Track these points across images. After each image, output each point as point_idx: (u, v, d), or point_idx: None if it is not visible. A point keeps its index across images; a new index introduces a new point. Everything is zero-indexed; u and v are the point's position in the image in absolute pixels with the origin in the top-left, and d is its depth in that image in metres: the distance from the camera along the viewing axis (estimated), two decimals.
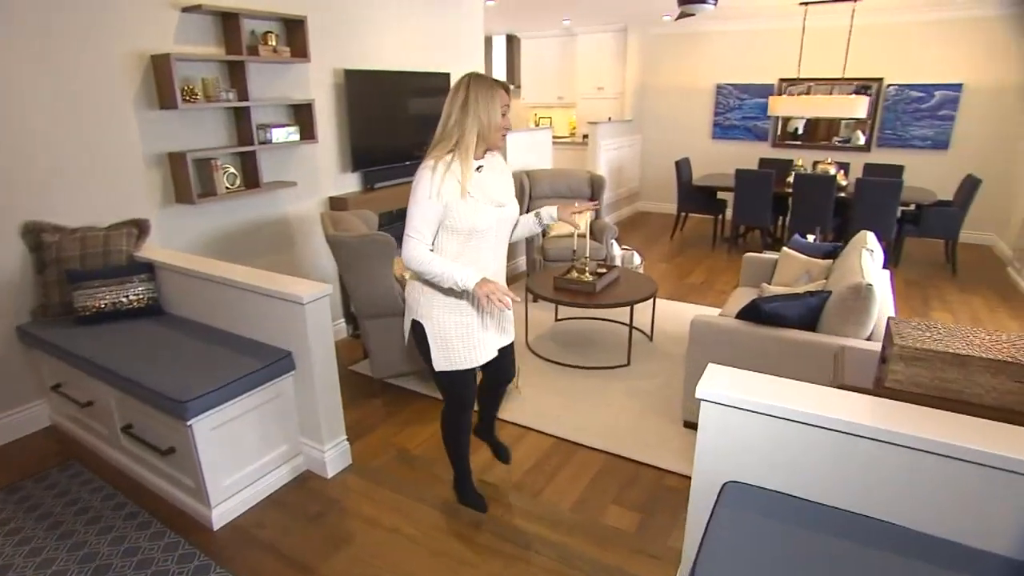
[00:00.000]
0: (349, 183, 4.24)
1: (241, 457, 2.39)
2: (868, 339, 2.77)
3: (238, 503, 2.39)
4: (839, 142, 7.74)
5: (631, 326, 4.03)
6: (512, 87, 9.18)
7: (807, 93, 7.48)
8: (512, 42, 9.00)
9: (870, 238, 3.63)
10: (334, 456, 2.66)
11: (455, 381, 2.19)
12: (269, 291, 2.41)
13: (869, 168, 6.83)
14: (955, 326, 1.52)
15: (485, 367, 2.28)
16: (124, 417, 2.47)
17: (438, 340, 2.09)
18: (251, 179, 3.55)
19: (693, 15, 5.27)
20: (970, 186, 5.93)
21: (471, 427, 2.42)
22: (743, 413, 1.42)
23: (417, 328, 2.13)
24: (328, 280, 4.19)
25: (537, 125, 9.34)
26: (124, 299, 2.82)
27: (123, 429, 2.46)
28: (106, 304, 2.79)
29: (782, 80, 7.73)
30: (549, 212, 2.26)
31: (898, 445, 1.27)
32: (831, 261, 3.58)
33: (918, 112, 7.16)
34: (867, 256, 3.16)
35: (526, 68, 8.92)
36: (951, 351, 1.37)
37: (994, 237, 7.03)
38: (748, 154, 8.04)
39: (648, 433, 3.12)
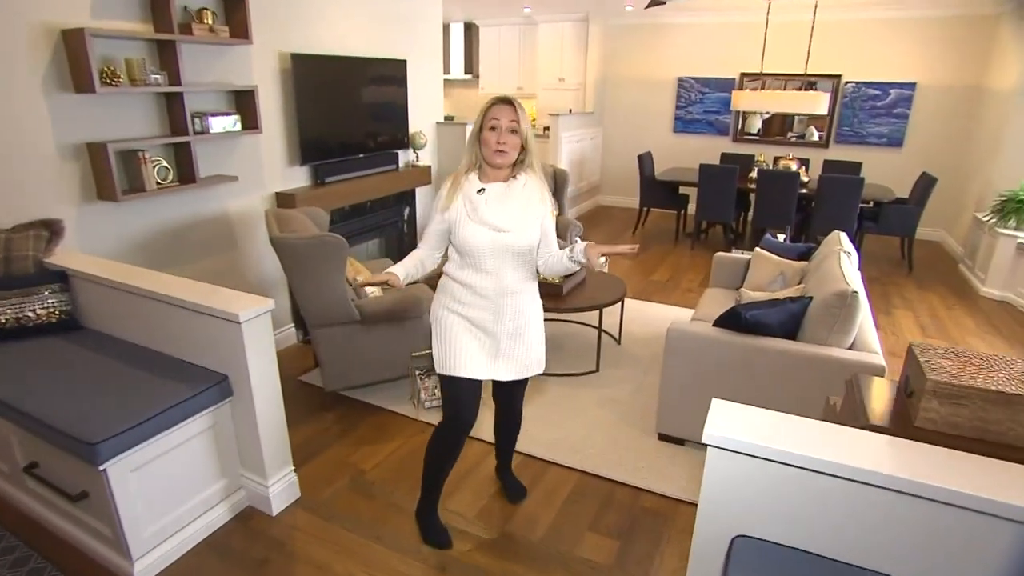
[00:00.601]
0: (297, 177, 3.90)
1: (169, 498, 2.08)
2: (851, 347, 2.65)
3: (166, 552, 2.08)
4: (794, 138, 7.76)
5: (600, 329, 3.86)
6: (470, 77, 8.89)
7: (762, 88, 7.46)
8: (470, 30, 8.69)
9: (844, 239, 3.54)
10: (280, 490, 2.37)
11: (447, 388, 2.15)
12: (201, 307, 2.09)
13: (828, 164, 6.84)
14: (986, 353, 1.38)
15: (496, 398, 2.37)
16: (27, 454, 2.12)
17: (436, 340, 2.13)
18: (186, 173, 3.18)
19: (664, 3, 5.10)
20: (925, 184, 5.99)
21: (458, 455, 2.28)
22: (756, 460, 1.24)
23: (430, 329, 2.19)
24: (275, 285, 3.86)
25: None
26: (31, 313, 2.45)
27: (26, 469, 2.11)
28: (7, 320, 2.41)
29: (743, 74, 7.68)
30: (580, 248, 2.01)
31: (944, 503, 1.10)
32: (805, 263, 3.48)
33: (874, 109, 7.22)
34: (845, 259, 3.06)
35: (485, 57, 8.62)
36: (995, 388, 1.21)
37: (943, 233, 7.17)
38: (710, 148, 7.97)
39: (622, 448, 2.94)
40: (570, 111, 7.90)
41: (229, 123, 3.28)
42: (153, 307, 2.29)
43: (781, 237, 4.15)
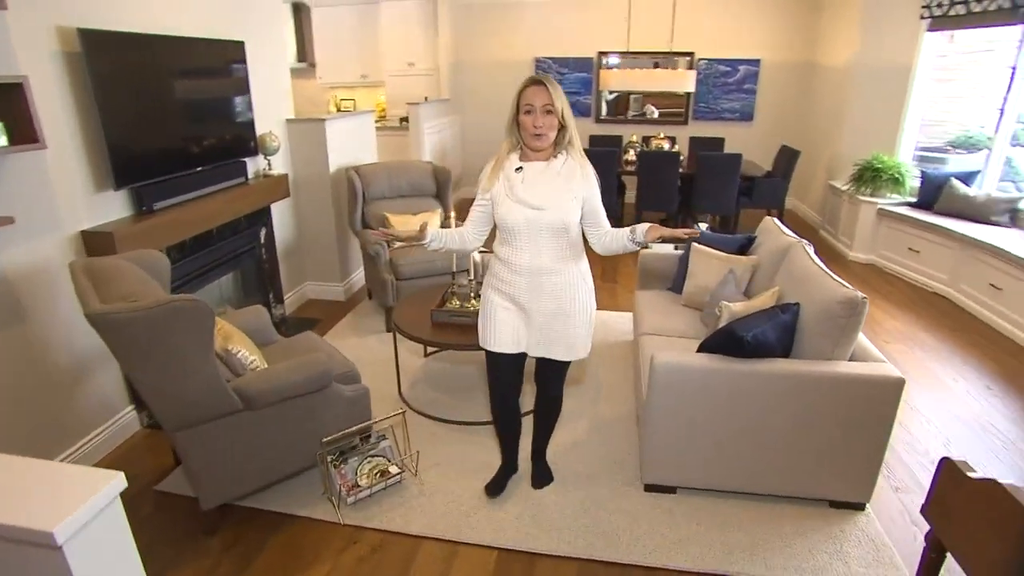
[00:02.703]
0: (112, 207, 2.79)
1: None
2: (850, 359, 2.35)
3: None
4: (633, 116, 7.73)
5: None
6: (305, 65, 7.71)
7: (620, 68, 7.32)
8: (300, 12, 7.49)
9: (779, 224, 3.32)
10: None
11: (487, 361, 2.29)
12: None
13: (695, 141, 6.87)
14: None
15: (536, 380, 2.39)
16: None
17: (480, 316, 2.25)
18: None
19: None
20: (789, 157, 6.20)
21: (509, 425, 2.45)
22: None
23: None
24: (99, 360, 2.75)
25: (338, 109, 8.01)
26: None
27: None
28: None
29: (601, 53, 7.47)
30: (641, 229, 2.05)
31: None
32: (754, 257, 3.18)
33: (726, 86, 7.41)
34: (812, 253, 2.78)
35: (320, 42, 7.49)
36: None
37: (795, 202, 7.59)
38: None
39: (609, 512, 2.40)
40: (425, 99, 7.15)
41: None
42: None
43: (703, 226, 3.87)
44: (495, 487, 2.47)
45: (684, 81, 6.04)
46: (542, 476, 2.55)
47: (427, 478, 2.59)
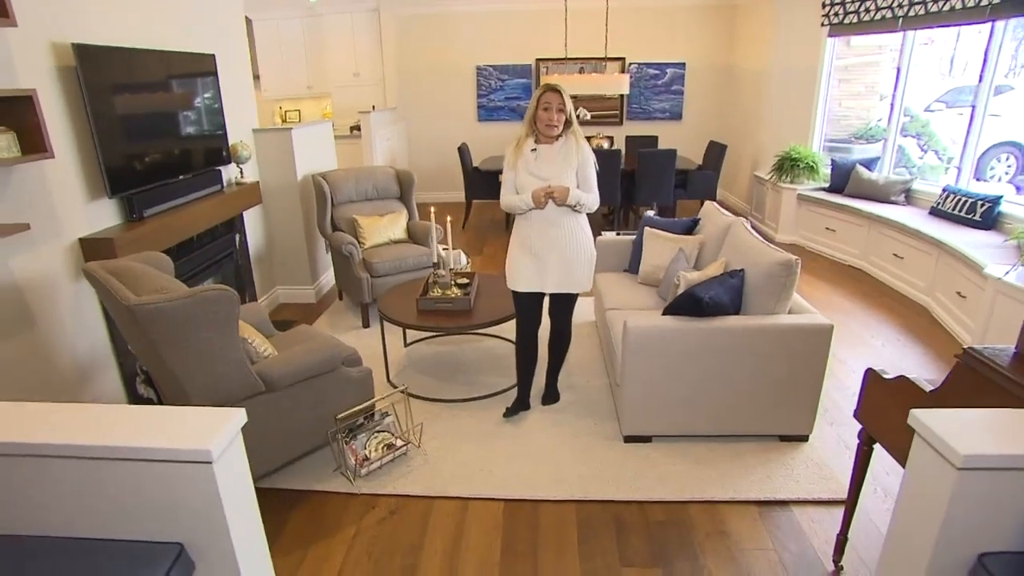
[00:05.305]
0: (104, 215, 2.89)
1: None
2: (789, 312, 2.78)
3: None
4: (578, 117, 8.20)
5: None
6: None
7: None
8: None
9: (720, 208, 3.76)
10: None
11: (514, 301, 2.99)
12: (128, 450, 1.25)
13: (631, 140, 7.36)
14: None
15: (550, 315, 3.03)
16: None
17: (507, 263, 2.93)
18: None
19: None
20: (717, 151, 6.77)
21: (529, 357, 3.06)
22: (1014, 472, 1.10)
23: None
24: (101, 366, 2.84)
25: (283, 121, 8.06)
26: None
27: None
28: None
29: (539, 60, 7.87)
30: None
31: None
32: (700, 236, 3.60)
33: (656, 88, 7.96)
34: (751, 228, 3.21)
35: (264, 55, 7.53)
36: None
37: (724, 192, 8.22)
38: (516, 135, 8.05)
39: (597, 461, 2.73)
40: (373, 108, 7.34)
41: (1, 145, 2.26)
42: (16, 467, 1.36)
43: (651, 213, 4.28)
44: (510, 413, 3.08)
45: (620, 84, 6.49)
46: (552, 396, 3.21)
47: (429, 449, 2.83)
